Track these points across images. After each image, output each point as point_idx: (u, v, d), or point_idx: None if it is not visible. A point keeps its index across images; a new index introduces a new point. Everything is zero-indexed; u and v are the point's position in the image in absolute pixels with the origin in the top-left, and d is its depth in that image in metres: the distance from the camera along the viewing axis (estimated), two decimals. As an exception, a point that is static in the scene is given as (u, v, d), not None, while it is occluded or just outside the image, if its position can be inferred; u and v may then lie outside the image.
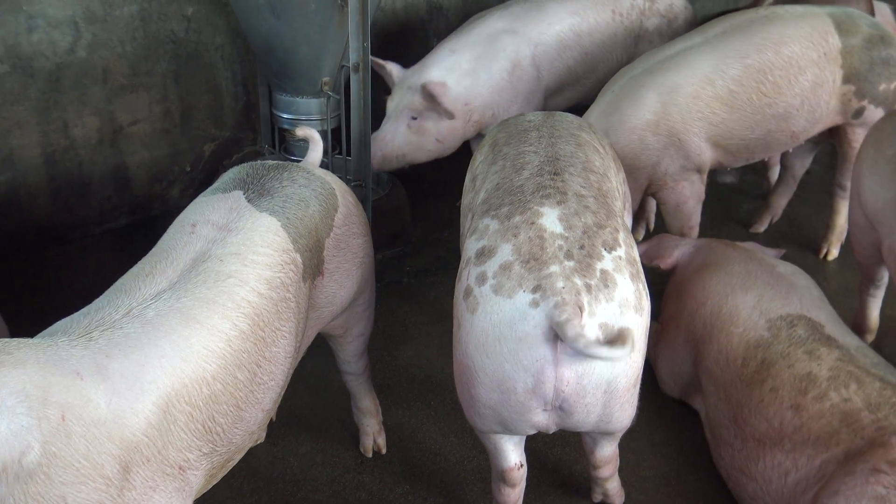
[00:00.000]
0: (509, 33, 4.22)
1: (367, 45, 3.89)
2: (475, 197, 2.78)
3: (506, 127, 3.03)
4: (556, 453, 3.23)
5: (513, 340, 2.32)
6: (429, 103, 4.05)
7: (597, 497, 3.04)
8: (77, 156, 4.39)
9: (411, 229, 4.54)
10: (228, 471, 2.40)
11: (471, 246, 2.51)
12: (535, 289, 2.30)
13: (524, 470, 2.72)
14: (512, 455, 2.66)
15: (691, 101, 3.79)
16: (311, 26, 3.92)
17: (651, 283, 2.50)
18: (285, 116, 4.36)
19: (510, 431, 2.56)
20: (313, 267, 2.59)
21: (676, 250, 3.45)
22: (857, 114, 4.04)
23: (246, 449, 2.42)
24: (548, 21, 4.35)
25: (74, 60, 4.22)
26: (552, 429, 2.50)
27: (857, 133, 4.09)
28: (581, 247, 2.38)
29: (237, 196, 2.51)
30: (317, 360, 2.97)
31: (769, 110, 3.88)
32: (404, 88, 4.14)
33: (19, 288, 2.87)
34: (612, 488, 2.99)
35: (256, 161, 2.76)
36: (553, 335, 2.25)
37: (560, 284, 2.28)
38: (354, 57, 3.88)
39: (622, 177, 3.03)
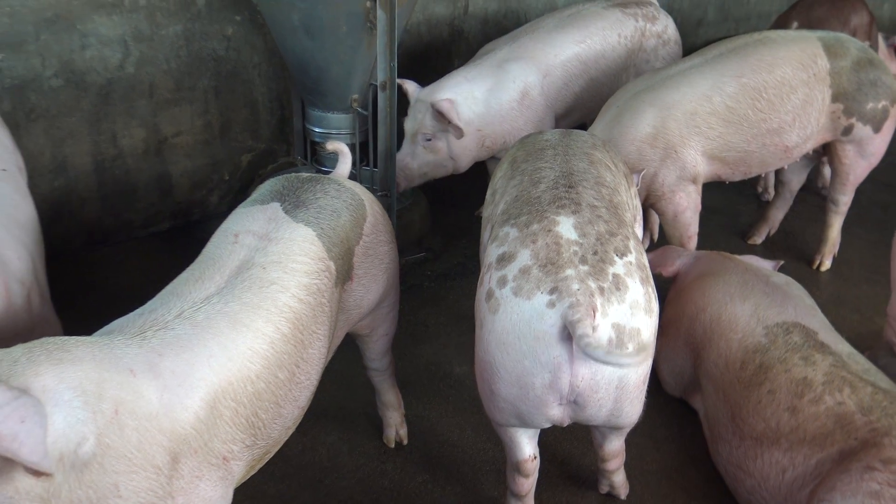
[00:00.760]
0: (519, 64, 4.18)
1: (394, 65, 3.90)
2: (495, 209, 2.78)
3: (524, 145, 3.03)
4: (566, 448, 3.23)
5: (531, 338, 2.33)
6: (439, 122, 4.01)
7: (604, 489, 3.04)
8: (124, 164, 4.42)
9: (432, 237, 4.55)
10: (266, 461, 2.42)
11: (492, 252, 2.52)
12: (552, 290, 2.31)
13: (537, 462, 2.73)
14: (527, 447, 2.67)
15: (689, 117, 3.80)
16: (343, 47, 3.93)
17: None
18: (317, 130, 4.38)
19: (527, 425, 2.57)
20: (344, 273, 2.61)
21: (679, 260, 3.46)
22: (846, 131, 4.04)
23: (282, 442, 2.44)
24: (554, 52, 4.29)
25: (123, 76, 4.25)
26: (566, 422, 2.51)
27: (847, 150, 4.11)
28: (594, 252, 2.39)
29: (275, 207, 2.52)
30: (344, 358, 2.98)
31: (763, 125, 3.88)
32: (419, 109, 4.10)
33: (69, 286, 2.90)
34: (618, 481, 3.00)
35: (291, 174, 2.77)
36: (568, 334, 2.26)
37: (575, 286, 2.30)
38: (382, 76, 3.90)
39: (634, 191, 3.05)
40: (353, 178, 3.08)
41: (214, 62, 4.49)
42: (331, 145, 3.11)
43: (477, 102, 4.04)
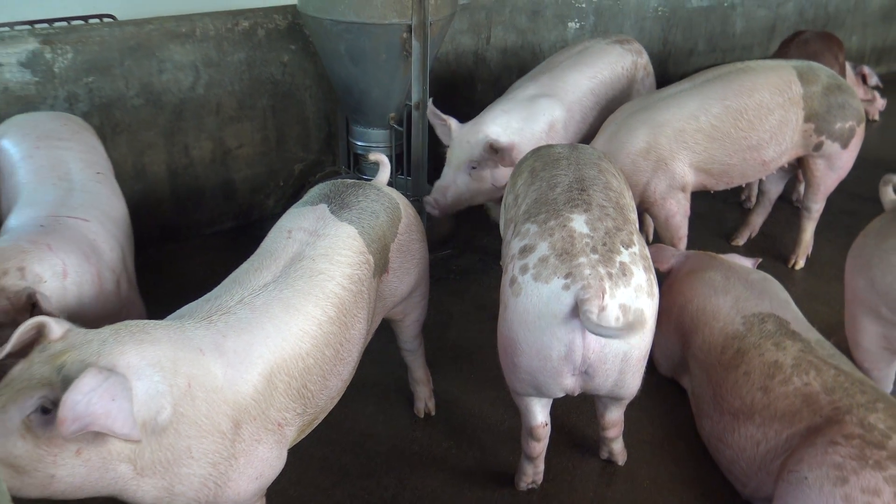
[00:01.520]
0: (547, 100, 4.10)
1: (426, 88, 3.93)
2: (517, 210, 2.80)
3: (540, 157, 3.05)
4: (573, 420, 3.24)
5: (549, 317, 2.36)
6: (491, 155, 3.87)
7: (604, 455, 3.05)
8: (194, 171, 4.47)
9: (456, 237, 4.56)
10: (314, 428, 2.45)
11: (514, 245, 2.56)
12: (567, 275, 2.35)
13: (548, 428, 2.76)
14: (540, 415, 2.70)
15: (678, 134, 3.80)
16: (382, 72, 3.95)
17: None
18: (359, 144, 4.40)
19: (542, 394, 2.60)
20: (381, 266, 2.63)
21: (672, 258, 3.46)
22: (817, 147, 4.02)
23: (328, 411, 2.46)
24: (572, 90, 4.20)
25: (194, 96, 4.29)
26: (577, 391, 2.54)
27: (818, 164, 4.10)
28: (604, 244, 2.42)
29: (323, 209, 2.55)
30: (381, 339, 2.99)
31: (744, 142, 3.87)
32: (464, 142, 3.95)
33: (146, 277, 2.93)
34: (617, 448, 3.01)
35: (336, 180, 2.79)
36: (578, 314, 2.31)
37: (587, 272, 2.33)
38: (416, 97, 3.92)
39: (633, 197, 3.06)
40: (391, 185, 3.10)
41: (272, 85, 4.52)
42: (372, 156, 3.13)
43: (514, 133, 3.96)
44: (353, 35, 3.83)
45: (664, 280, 3.49)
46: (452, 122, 3.99)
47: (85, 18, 4.43)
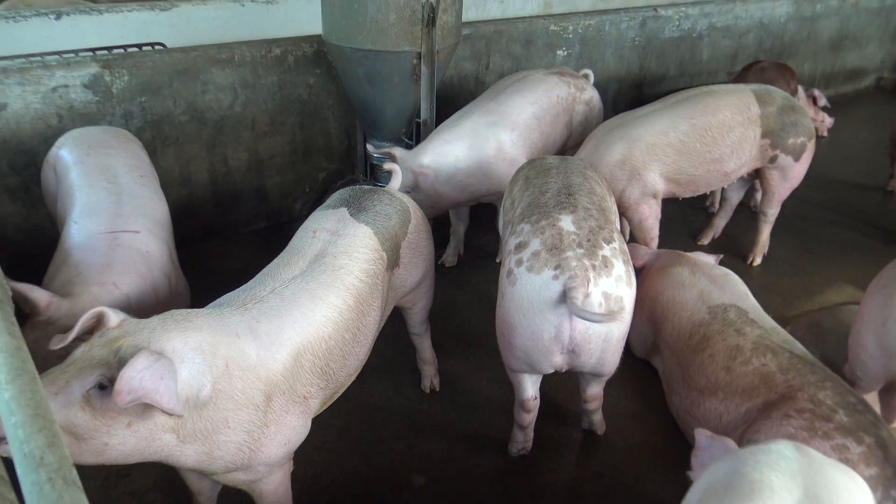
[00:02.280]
0: (489, 127, 3.89)
1: (433, 106, 3.94)
2: (514, 213, 2.82)
3: (533, 167, 3.07)
4: (558, 396, 3.25)
5: (541, 303, 2.41)
6: (418, 182, 3.74)
7: (585, 425, 3.06)
8: (233, 179, 4.48)
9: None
10: (334, 400, 2.46)
11: (511, 242, 2.60)
12: (556, 267, 2.39)
13: (538, 402, 2.78)
14: (530, 390, 2.74)
15: (650, 148, 3.80)
16: (395, 93, 3.96)
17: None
18: (375, 155, 4.39)
19: (534, 370, 2.63)
20: (393, 261, 2.64)
21: (645, 256, 3.45)
22: (773, 160, 4.02)
23: (346, 386, 2.48)
24: (516, 112, 3.99)
25: (232, 114, 4.30)
26: (564, 368, 2.57)
27: (773, 174, 4.10)
28: (588, 240, 2.47)
29: (343, 212, 2.56)
30: (393, 325, 3.01)
31: (708, 155, 3.87)
32: (405, 168, 3.71)
33: (189, 270, 2.95)
34: (597, 419, 3.01)
35: (355, 186, 2.80)
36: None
37: (574, 264, 2.37)
38: (424, 115, 3.93)
39: (615, 204, 3.07)
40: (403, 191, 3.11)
41: (300, 104, 4.53)
42: (387, 166, 3.14)
43: (459, 160, 3.79)
44: (371, 61, 3.83)
45: (638, 275, 3.49)
46: (397, 151, 3.81)
47: (139, 46, 4.44)
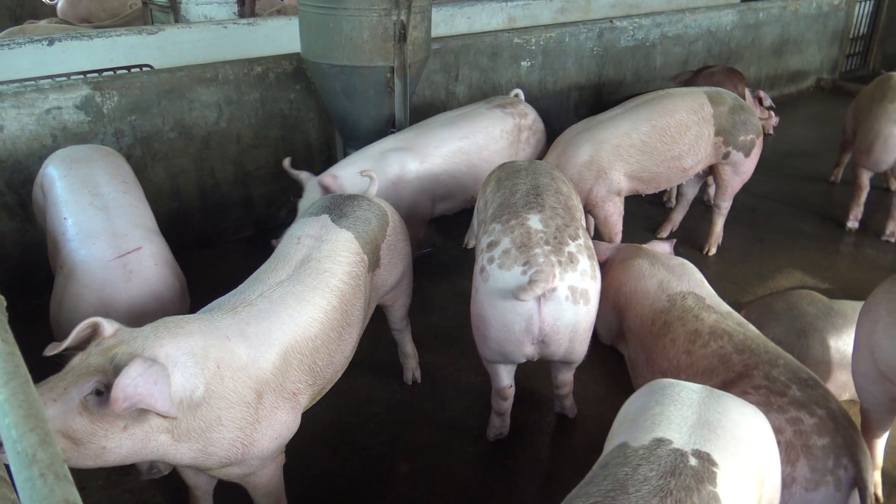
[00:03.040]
0: (398, 153, 3.67)
1: (407, 117, 3.93)
2: (486, 213, 2.82)
3: (504, 170, 3.08)
4: (532, 383, 3.25)
5: (512, 297, 2.39)
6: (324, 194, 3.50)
7: (558, 409, 3.06)
8: (220, 190, 4.44)
9: (436, 237, 4.56)
10: (322, 396, 2.44)
11: (483, 241, 2.60)
12: (525, 263, 2.40)
13: (513, 389, 2.79)
14: (506, 378, 2.74)
15: (615, 149, 3.83)
16: (371, 105, 3.94)
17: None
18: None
19: (508, 361, 2.63)
20: (374, 262, 2.63)
21: (608, 251, 3.46)
22: (725, 156, 4.06)
23: (334, 382, 2.46)
24: (435, 144, 3.76)
25: (218, 129, 4.26)
26: (535, 357, 2.57)
27: (726, 170, 4.14)
28: (555, 238, 2.47)
29: (325, 218, 2.55)
30: (375, 322, 3.00)
31: (668, 154, 3.91)
32: (311, 187, 3.59)
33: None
34: (568, 404, 3.02)
35: (336, 194, 2.79)
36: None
37: (541, 260, 2.38)
38: (399, 124, 3.91)
39: (580, 203, 3.07)
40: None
41: (282, 118, 4.49)
42: (364, 174, 3.12)
43: (357, 182, 3.51)
44: (347, 76, 3.81)
45: (602, 269, 3.50)
46: (303, 174, 3.64)
47: (128, 68, 4.39)
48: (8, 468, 1.31)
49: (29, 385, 1.09)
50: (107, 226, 2.63)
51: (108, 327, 1.90)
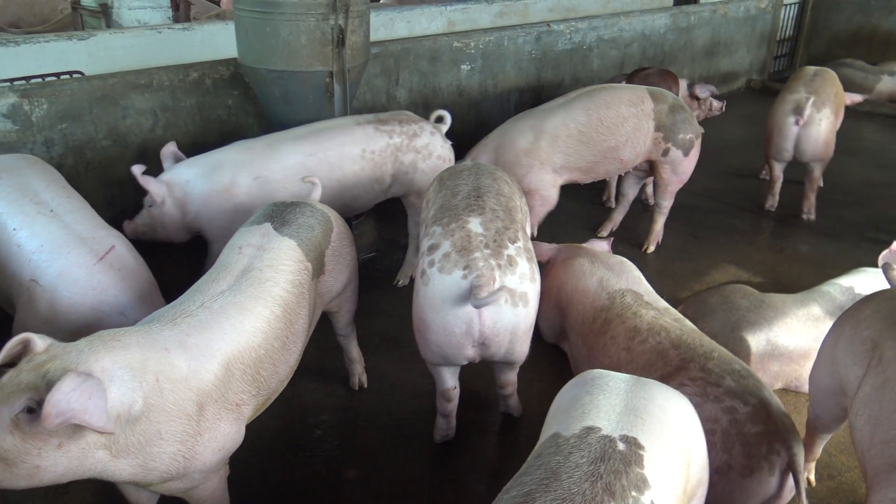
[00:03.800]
0: (233, 163, 3.39)
1: (348, 123, 3.90)
2: (428, 213, 2.83)
3: (448, 170, 3.11)
4: (477, 384, 3.27)
5: (452, 301, 2.42)
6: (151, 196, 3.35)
7: (503, 409, 3.08)
8: (158, 199, 4.30)
9: (380, 241, 4.55)
10: (267, 406, 2.41)
11: (424, 244, 2.60)
12: (465, 267, 2.41)
13: (457, 391, 2.80)
14: (450, 380, 2.75)
15: (552, 139, 3.97)
16: (310, 111, 3.90)
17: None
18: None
19: (450, 363, 2.64)
20: (318, 269, 2.61)
21: (548, 251, 3.50)
22: (665, 153, 4.17)
23: (279, 391, 2.43)
24: (275, 159, 3.42)
25: (154, 136, 4.16)
26: (477, 359, 2.58)
27: (665, 168, 4.25)
28: (494, 241, 2.49)
29: (267, 227, 2.52)
30: (320, 329, 2.98)
31: (605, 144, 4.04)
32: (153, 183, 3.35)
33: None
34: (513, 403, 3.04)
35: (279, 202, 2.76)
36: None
37: (481, 264, 2.38)
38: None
39: (524, 201, 3.10)
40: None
41: (220, 124, 4.42)
42: (306, 179, 3.10)
43: (187, 185, 3.34)
44: (285, 81, 3.78)
45: (544, 268, 3.54)
46: (152, 182, 3.36)
47: (57, 75, 4.25)
48: None
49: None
50: (67, 232, 2.61)
51: (40, 343, 1.85)
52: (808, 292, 3.32)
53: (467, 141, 4.47)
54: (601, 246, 3.47)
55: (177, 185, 3.36)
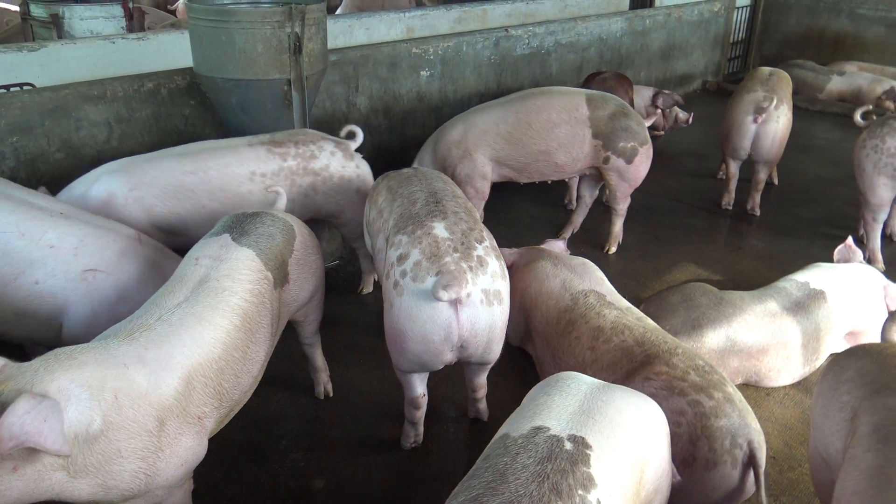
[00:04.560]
0: (111, 175, 3.28)
1: (307, 131, 3.88)
2: (385, 224, 2.82)
3: (393, 178, 3.10)
4: (444, 390, 3.27)
5: (429, 309, 2.43)
6: None
7: (472, 414, 3.09)
8: (115, 212, 4.23)
9: (344, 250, 4.53)
10: (231, 418, 2.38)
11: (392, 254, 2.59)
12: (437, 273, 2.42)
13: (426, 398, 2.80)
14: (419, 387, 2.76)
15: (480, 134, 4.18)
16: (269, 119, 3.88)
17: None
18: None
19: (426, 369, 2.65)
20: (281, 278, 2.58)
21: (511, 256, 3.52)
22: (606, 160, 4.25)
23: (242, 403, 2.41)
24: (153, 173, 3.28)
25: (110, 148, 4.08)
26: (454, 361, 2.61)
27: (611, 174, 4.34)
28: (462, 243, 2.51)
29: (225, 238, 2.49)
30: (286, 338, 2.95)
31: (534, 147, 4.19)
32: None
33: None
34: (482, 407, 3.05)
35: (239, 212, 2.73)
36: (452, 302, 2.41)
37: (452, 267, 2.41)
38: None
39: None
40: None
41: (177, 134, 4.35)
42: (270, 189, 3.08)
43: (80, 200, 3.20)
44: (242, 90, 3.74)
45: (508, 272, 3.56)
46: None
47: (6, 87, 4.15)
48: None
49: None
50: (96, 225, 2.83)
51: None
52: (766, 289, 3.39)
53: (428, 147, 4.46)
54: (559, 246, 3.51)
55: (75, 200, 3.21)
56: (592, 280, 3.15)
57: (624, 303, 3.02)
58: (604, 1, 7.62)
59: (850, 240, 3.69)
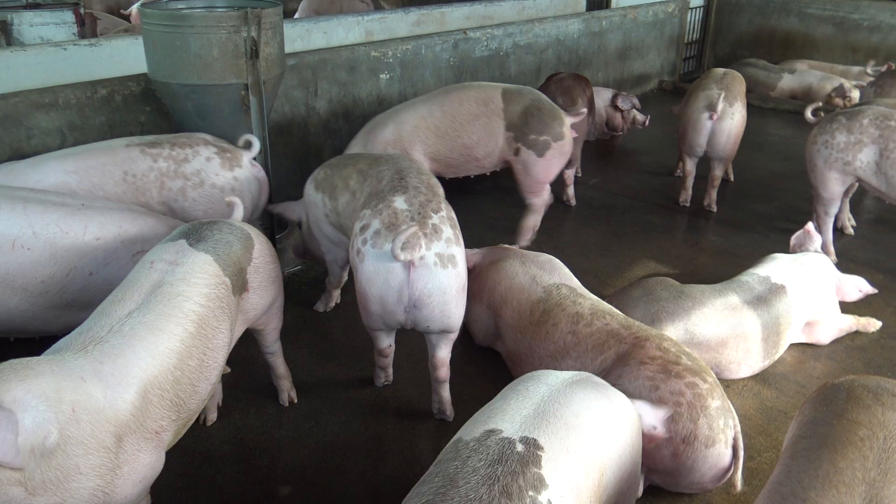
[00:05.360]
0: (10, 171, 3.24)
1: (266, 136, 3.85)
2: (356, 202, 3.03)
3: (361, 160, 3.27)
4: (410, 392, 3.25)
5: (385, 273, 2.66)
6: None
7: (437, 414, 3.08)
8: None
9: (305, 255, 4.47)
10: (189, 427, 2.34)
11: (356, 226, 2.80)
12: (394, 240, 2.59)
13: (392, 348, 3.10)
14: (385, 340, 3.03)
15: (413, 130, 4.26)
16: (226, 124, 3.81)
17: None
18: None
19: (389, 327, 2.86)
20: (239, 286, 2.55)
21: (475, 256, 3.53)
22: (517, 152, 4.31)
23: (199, 412, 2.36)
24: (36, 178, 3.21)
25: (62, 157, 3.97)
26: (410, 325, 2.79)
27: (518, 168, 4.38)
28: (419, 213, 2.71)
29: (182, 243, 2.45)
30: (247, 346, 2.91)
31: (458, 140, 4.27)
32: None
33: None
34: (445, 396, 3.05)
35: (195, 221, 2.69)
36: (406, 265, 2.63)
37: (409, 232, 2.60)
38: (257, 143, 3.79)
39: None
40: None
41: (133, 142, 4.24)
42: (227, 200, 3.04)
43: None
44: (199, 95, 3.68)
45: (472, 273, 3.56)
46: None
47: (-47, 96, 4.03)
48: None
49: None
50: (121, 208, 2.98)
51: None
52: (727, 282, 3.44)
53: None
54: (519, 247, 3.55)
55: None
56: (562, 275, 3.24)
57: (594, 296, 3.11)
58: (561, 3, 7.67)
59: (810, 225, 3.78)
